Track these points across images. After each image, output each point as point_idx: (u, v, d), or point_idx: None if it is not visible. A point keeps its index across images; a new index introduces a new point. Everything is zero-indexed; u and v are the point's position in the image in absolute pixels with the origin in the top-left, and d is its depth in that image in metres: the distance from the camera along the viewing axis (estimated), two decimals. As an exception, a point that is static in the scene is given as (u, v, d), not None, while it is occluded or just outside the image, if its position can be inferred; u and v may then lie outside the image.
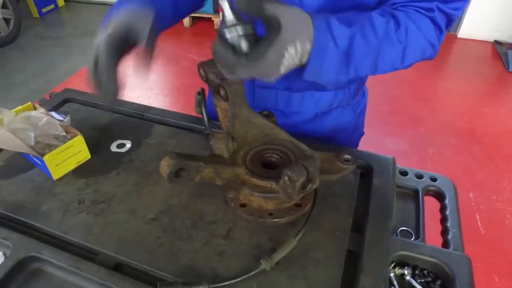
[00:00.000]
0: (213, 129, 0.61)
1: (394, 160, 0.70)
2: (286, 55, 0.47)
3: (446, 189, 0.67)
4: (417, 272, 0.54)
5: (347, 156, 0.54)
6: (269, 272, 0.51)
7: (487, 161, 2.29)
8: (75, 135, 0.67)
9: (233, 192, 0.52)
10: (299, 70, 0.52)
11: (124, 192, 0.64)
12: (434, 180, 0.68)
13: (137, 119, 0.82)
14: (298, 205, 0.56)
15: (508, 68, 3.13)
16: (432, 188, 0.67)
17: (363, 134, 0.95)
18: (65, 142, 0.66)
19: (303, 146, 0.58)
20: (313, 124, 0.81)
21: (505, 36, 3.53)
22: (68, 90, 0.91)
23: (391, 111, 2.71)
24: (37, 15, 4.28)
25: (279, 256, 0.52)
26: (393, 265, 0.55)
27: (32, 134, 0.65)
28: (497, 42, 3.54)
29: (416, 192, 0.67)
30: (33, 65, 3.38)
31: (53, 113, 0.71)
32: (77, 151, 0.67)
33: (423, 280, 0.53)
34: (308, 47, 0.49)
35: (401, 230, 0.61)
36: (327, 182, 0.59)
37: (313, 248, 0.55)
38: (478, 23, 3.62)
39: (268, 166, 0.56)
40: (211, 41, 0.48)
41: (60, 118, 0.70)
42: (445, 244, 0.58)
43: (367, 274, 0.51)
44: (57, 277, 0.53)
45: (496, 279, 1.69)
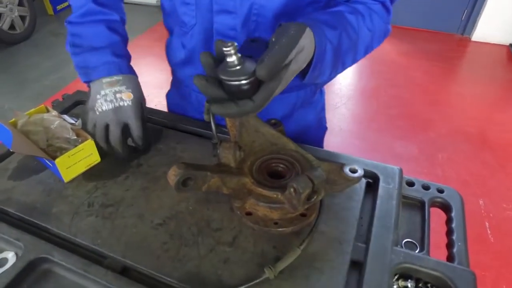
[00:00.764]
0: (220, 138, 0.62)
1: (401, 171, 0.70)
2: (290, 81, 0.50)
3: (453, 201, 0.66)
4: (420, 285, 0.54)
5: (353, 167, 0.55)
6: (272, 281, 0.52)
7: (498, 168, 2.26)
8: (86, 139, 0.68)
9: (239, 201, 0.53)
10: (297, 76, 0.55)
11: (132, 196, 0.65)
12: (441, 191, 0.68)
13: (147, 123, 0.83)
14: (303, 215, 0.56)
15: (523, 73, 3.09)
16: (439, 199, 0.67)
17: (326, 129, 0.98)
18: (76, 146, 0.67)
19: (310, 157, 0.58)
20: None
21: (521, 40, 3.48)
22: (79, 92, 0.92)
23: (402, 115, 2.70)
24: (52, 13, 4.35)
25: (283, 265, 0.52)
26: (396, 277, 0.55)
27: (45, 137, 0.67)
28: (512, 46, 3.50)
29: (422, 203, 0.66)
30: (46, 62, 3.44)
31: (65, 116, 0.73)
32: (88, 154, 0.68)
33: (426, 294, 0.53)
34: (309, 56, 0.52)
35: (406, 241, 0.61)
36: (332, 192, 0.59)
37: (317, 257, 0.55)
38: (493, 26, 3.56)
39: (274, 176, 0.57)
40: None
41: (72, 121, 0.72)
42: (450, 258, 0.58)
43: (370, 285, 0.51)
44: (66, 278, 0.55)
45: (504, 289, 1.67)
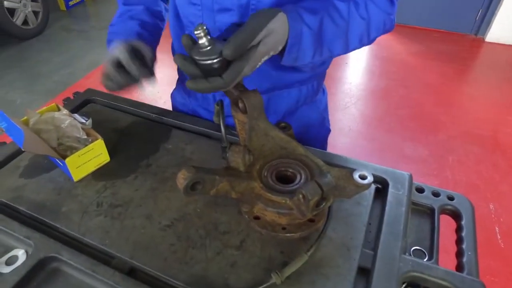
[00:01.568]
0: (229, 140, 0.62)
1: (411, 177, 0.69)
2: (260, 63, 0.53)
3: (463, 209, 0.65)
4: (428, 294, 0.54)
5: (363, 174, 0.54)
6: (279, 286, 0.52)
7: (510, 171, 2.23)
8: (96, 139, 0.69)
9: (247, 206, 0.53)
10: (275, 57, 0.58)
11: (141, 196, 0.65)
12: (451, 199, 0.67)
13: (157, 123, 0.84)
14: (311, 221, 0.56)
15: (538, 75, 3.03)
16: (449, 207, 0.66)
17: (329, 131, 0.97)
18: (86, 145, 0.68)
19: (319, 161, 0.58)
20: None
21: (536, 42, 3.41)
22: (90, 91, 0.93)
23: (412, 116, 2.66)
24: (64, 8, 4.39)
25: (290, 270, 0.52)
26: (404, 285, 0.54)
27: (55, 136, 0.68)
28: (527, 48, 3.42)
29: (432, 210, 0.66)
30: (58, 57, 3.47)
31: (76, 115, 0.73)
32: (97, 154, 0.69)
33: (434, 303, 0.53)
34: (283, 39, 0.54)
35: (414, 249, 0.60)
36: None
37: (324, 263, 0.55)
38: (508, 27, 3.49)
39: (283, 180, 0.57)
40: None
41: (82, 120, 0.72)
42: (459, 267, 0.57)
43: (377, 294, 0.51)
44: (74, 277, 0.55)
45: (513, 295, 1.65)
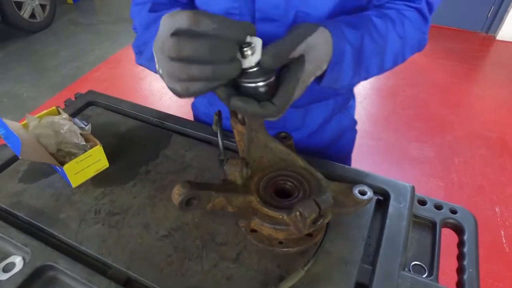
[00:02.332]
0: (227, 153, 0.61)
1: (413, 189, 0.67)
2: (309, 83, 0.48)
3: (466, 223, 0.64)
4: (427, 313, 0.53)
5: (363, 189, 0.53)
6: (274, 301, 0.51)
7: (517, 175, 2.20)
8: (95, 144, 0.69)
9: (244, 221, 0.52)
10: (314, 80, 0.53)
11: (139, 205, 0.65)
12: (454, 212, 0.66)
13: (157, 127, 0.83)
14: (309, 235, 0.55)
15: (550, 75, 2.97)
16: (451, 220, 0.65)
17: (356, 132, 0.96)
18: (85, 151, 0.67)
19: (319, 175, 0.57)
20: (316, 135, 0.81)
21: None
22: (92, 93, 0.93)
23: (419, 116, 2.63)
24: (71, 1, 4.40)
25: (285, 286, 0.52)
26: (402, 303, 0.54)
27: (54, 142, 0.67)
28: (540, 47, 3.35)
29: (434, 224, 0.64)
30: (65, 51, 3.49)
31: (75, 120, 0.73)
32: (96, 160, 0.68)
33: (433, 322, 0.52)
34: (326, 57, 0.50)
35: (414, 264, 0.59)
36: (340, 210, 0.58)
37: (321, 279, 0.54)
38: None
39: (281, 194, 0.56)
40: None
41: (82, 125, 0.72)
42: (460, 285, 0.56)
43: (374, 312, 0.50)
44: (71, 287, 0.55)
45: (517, 301, 1.63)
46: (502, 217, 1.97)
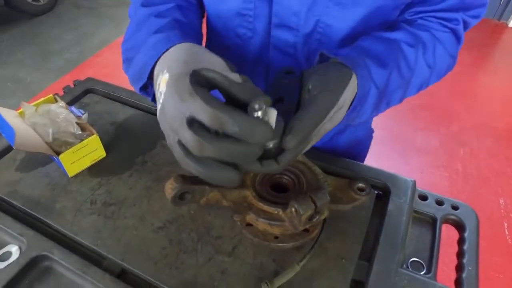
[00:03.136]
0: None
1: (414, 184, 0.66)
2: (319, 138, 0.45)
3: (467, 220, 0.63)
4: (423, 311, 0.52)
5: (361, 185, 0.52)
6: (269, 296, 0.51)
7: (523, 167, 2.17)
8: (91, 134, 0.68)
9: (239, 216, 0.51)
10: None
11: (135, 196, 0.64)
12: (455, 208, 0.64)
13: (155, 116, 0.82)
14: (305, 230, 0.54)
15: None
16: (452, 217, 0.64)
17: (373, 131, 0.90)
18: (81, 140, 0.66)
19: (317, 169, 0.56)
20: (329, 144, 0.78)
21: None
22: (91, 80, 0.91)
23: (425, 106, 2.59)
24: (75, -17, 4.33)
25: (280, 281, 0.51)
26: (399, 300, 0.53)
27: (50, 131, 0.66)
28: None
29: (434, 220, 0.63)
30: (68, 34, 3.46)
31: (72, 108, 0.72)
32: (92, 149, 0.68)
33: (429, 321, 0.51)
34: (349, 101, 0.46)
35: (412, 261, 0.58)
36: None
37: (317, 275, 0.53)
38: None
39: (278, 188, 0.55)
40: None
41: (79, 114, 0.71)
42: (458, 283, 0.55)
43: (369, 309, 0.50)
44: (66, 277, 0.55)
45: (518, 293, 1.63)
46: (506, 209, 1.95)
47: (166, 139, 0.41)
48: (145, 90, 0.54)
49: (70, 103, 0.84)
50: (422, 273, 0.56)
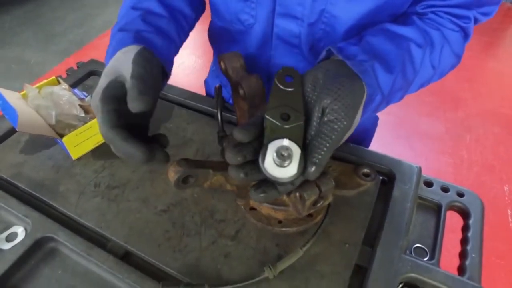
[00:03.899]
0: (227, 129, 0.59)
1: (420, 170, 0.65)
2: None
3: (472, 207, 0.62)
4: (426, 296, 0.52)
5: (366, 171, 0.51)
6: (271, 280, 0.51)
7: (530, 154, 2.15)
8: (95, 116, 0.67)
9: (242, 200, 0.51)
10: None
11: (138, 178, 0.64)
12: (461, 195, 0.64)
13: (160, 99, 0.81)
14: (309, 215, 0.54)
15: None
16: (457, 204, 0.63)
17: (378, 118, 0.89)
18: (85, 123, 0.66)
19: (321, 154, 0.55)
20: None
21: None
22: (94, 62, 0.90)
23: (431, 91, 2.54)
24: (77, -37, 4.25)
25: (283, 265, 0.51)
26: (400, 286, 0.53)
27: (53, 113, 0.66)
28: None
29: (439, 207, 0.63)
30: (71, 15, 3.42)
31: (75, 91, 0.71)
32: (96, 132, 0.67)
33: (431, 306, 0.51)
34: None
35: (416, 247, 0.58)
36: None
37: (320, 260, 0.54)
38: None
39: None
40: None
41: (82, 96, 0.70)
42: (461, 270, 0.55)
43: (372, 294, 0.50)
44: (71, 258, 0.56)
45: (520, 279, 1.64)
46: (511, 196, 1.94)
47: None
48: None
49: (73, 85, 0.83)
50: (425, 259, 0.56)
